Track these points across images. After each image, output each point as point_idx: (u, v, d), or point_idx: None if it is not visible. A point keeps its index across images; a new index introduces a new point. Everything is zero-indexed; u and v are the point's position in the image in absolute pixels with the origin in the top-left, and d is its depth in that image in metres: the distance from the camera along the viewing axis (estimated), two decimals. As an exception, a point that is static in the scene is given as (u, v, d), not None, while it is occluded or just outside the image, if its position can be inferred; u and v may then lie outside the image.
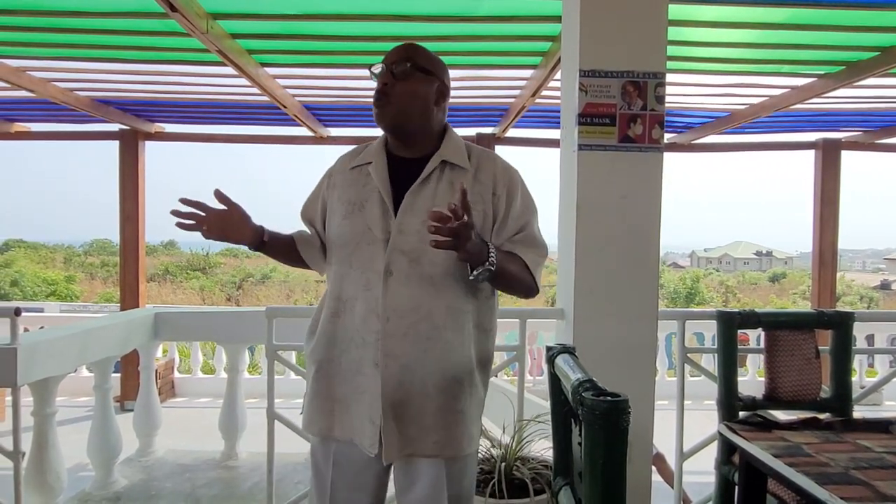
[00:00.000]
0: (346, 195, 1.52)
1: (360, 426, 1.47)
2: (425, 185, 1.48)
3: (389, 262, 1.44)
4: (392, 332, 1.43)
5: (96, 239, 32.47)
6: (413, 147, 1.53)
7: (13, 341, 2.34)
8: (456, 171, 1.51)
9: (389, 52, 1.52)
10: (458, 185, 1.39)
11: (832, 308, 5.56)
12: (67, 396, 5.35)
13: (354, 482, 1.51)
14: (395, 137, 1.54)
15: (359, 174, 1.54)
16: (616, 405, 0.98)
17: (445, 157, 1.51)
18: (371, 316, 1.44)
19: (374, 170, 1.51)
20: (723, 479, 2.02)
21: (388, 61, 1.50)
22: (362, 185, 1.51)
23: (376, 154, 1.54)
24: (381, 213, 1.47)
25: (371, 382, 1.44)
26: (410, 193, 1.47)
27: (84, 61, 3.86)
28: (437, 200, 1.46)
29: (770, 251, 51.61)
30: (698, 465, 2.58)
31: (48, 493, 2.60)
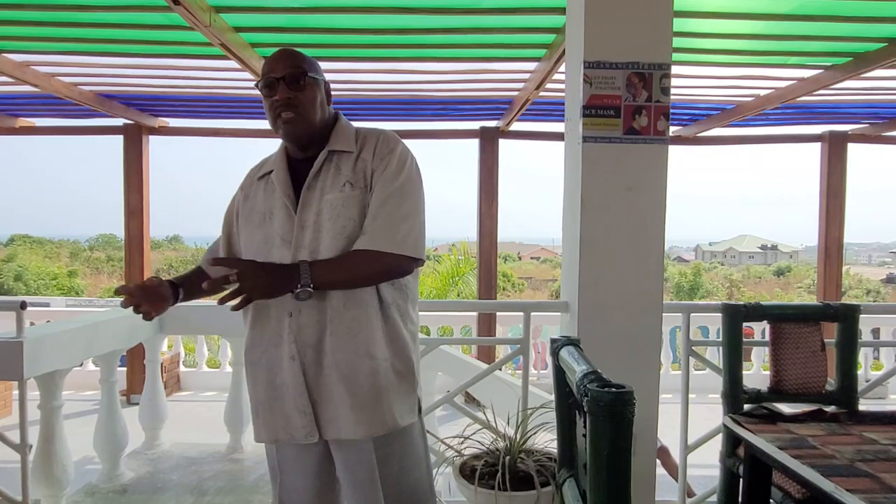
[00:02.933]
0: (257, 205, 1.58)
1: (285, 422, 1.52)
2: (317, 178, 1.53)
3: (294, 258, 1.48)
4: (304, 323, 1.49)
5: (101, 234, 32.61)
6: (311, 147, 1.57)
7: (19, 335, 2.35)
8: (343, 156, 1.55)
9: (277, 65, 1.53)
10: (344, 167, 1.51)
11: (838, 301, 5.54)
12: (74, 390, 5.38)
13: (297, 468, 1.58)
14: (300, 145, 1.57)
15: (266, 184, 1.59)
16: (621, 396, 0.98)
17: (332, 146, 1.55)
18: (283, 315, 1.50)
19: (276, 177, 1.56)
20: (727, 472, 2.02)
21: (281, 74, 1.51)
22: (270, 194, 1.57)
23: (278, 162, 1.59)
24: (286, 217, 1.52)
25: (290, 375, 1.50)
26: (305, 189, 1.52)
27: (88, 56, 3.87)
28: (326, 189, 1.50)
29: (775, 245, 51.44)
30: (702, 458, 2.58)
31: (55, 486, 2.61)
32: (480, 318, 5.91)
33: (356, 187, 1.50)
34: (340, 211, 1.48)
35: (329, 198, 1.49)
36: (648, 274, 2.24)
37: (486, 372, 2.69)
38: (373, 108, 5.26)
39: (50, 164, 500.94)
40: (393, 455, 1.53)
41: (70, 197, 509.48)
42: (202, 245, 29.59)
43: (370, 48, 3.72)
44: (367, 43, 3.63)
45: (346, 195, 1.49)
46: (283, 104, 1.50)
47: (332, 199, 1.49)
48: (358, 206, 1.49)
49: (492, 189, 5.80)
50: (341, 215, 1.48)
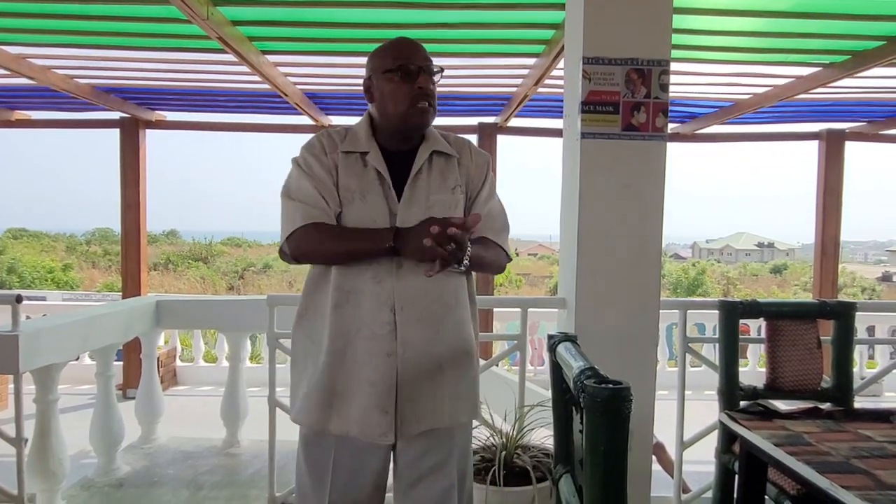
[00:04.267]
0: (344, 181, 1.49)
1: (363, 418, 1.47)
2: (419, 177, 1.51)
3: None
4: (406, 321, 1.46)
5: (98, 228, 32.50)
6: (409, 141, 1.55)
7: (15, 328, 2.34)
8: (442, 158, 1.56)
9: (416, 55, 1.51)
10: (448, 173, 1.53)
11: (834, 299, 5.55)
12: (70, 384, 5.37)
13: (357, 464, 1.52)
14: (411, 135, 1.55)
15: (354, 161, 1.51)
16: (618, 392, 0.98)
17: (435, 147, 1.55)
18: (382, 308, 1.45)
19: (374, 161, 1.50)
20: (723, 468, 2.03)
21: (423, 64, 1.50)
22: (360, 175, 1.50)
23: (369, 144, 1.52)
24: (384, 207, 1.48)
25: (381, 373, 1.45)
26: (409, 186, 1.50)
27: (85, 48, 3.85)
28: (431, 189, 1.51)
29: (772, 242, 51.56)
30: (698, 454, 2.59)
31: (51, 480, 2.61)
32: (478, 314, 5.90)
33: (462, 192, 1.55)
34: (452, 213, 1.48)
35: (439, 198, 1.51)
36: (646, 271, 2.24)
37: (483, 368, 2.69)
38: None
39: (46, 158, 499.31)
40: (465, 444, 1.61)
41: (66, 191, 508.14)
42: (199, 239, 29.54)
43: (367, 43, 3.70)
44: (364, 38, 3.61)
45: (455, 199, 1.54)
46: (424, 94, 1.49)
47: (443, 200, 1.51)
48: (461, 209, 1.55)
49: (490, 185, 5.78)
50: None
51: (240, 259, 26.59)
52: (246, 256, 27.25)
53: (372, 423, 1.46)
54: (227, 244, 30.97)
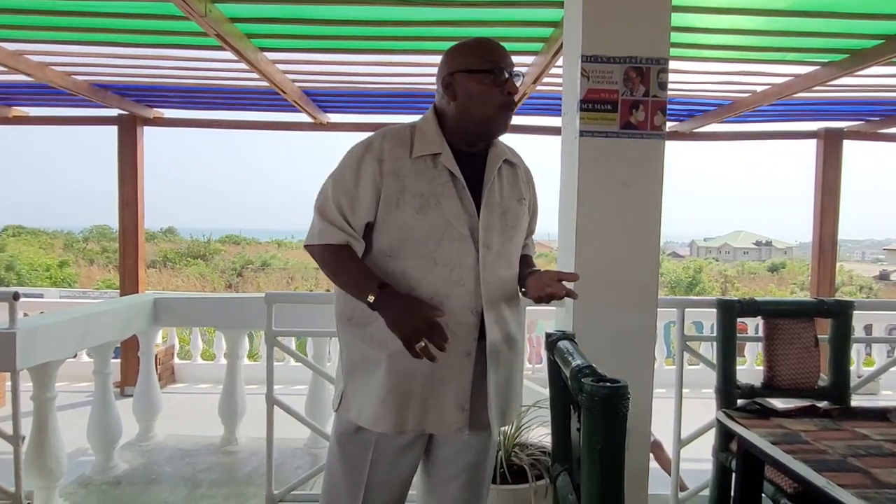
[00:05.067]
0: (416, 187, 1.44)
1: (438, 417, 1.48)
2: (493, 182, 1.53)
3: (484, 257, 1.49)
4: (488, 322, 1.50)
5: (96, 225, 32.40)
6: (480, 144, 1.55)
7: (12, 326, 2.34)
8: (510, 168, 1.60)
9: (509, 58, 1.49)
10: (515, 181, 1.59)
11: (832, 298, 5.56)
12: (67, 382, 5.36)
13: (394, 462, 1.52)
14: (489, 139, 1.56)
15: (423, 165, 1.46)
16: (616, 391, 0.98)
17: (504, 155, 1.58)
18: (464, 311, 1.47)
19: (447, 162, 1.47)
20: (720, 466, 2.03)
21: (513, 69, 1.50)
22: (432, 178, 1.46)
23: (441, 145, 1.48)
24: (461, 210, 1.46)
25: (458, 372, 1.48)
26: (489, 191, 1.51)
27: (82, 45, 3.83)
28: (504, 196, 1.55)
29: (770, 241, 51.62)
30: (695, 452, 2.59)
31: (48, 477, 2.61)
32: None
33: (526, 204, 1.62)
34: (519, 223, 1.58)
35: (509, 206, 1.55)
36: (644, 269, 2.24)
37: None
38: (368, 101, 5.24)
39: (44, 155, 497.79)
40: (495, 442, 1.66)
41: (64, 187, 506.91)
42: (197, 237, 29.49)
43: (366, 40, 3.70)
44: (363, 35, 3.60)
45: (524, 210, 1.60)
46: (514, 102, 1.51)
47: (513, 208, 1.56)
48: (526, 221, 1.63)
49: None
50: (520, 227, 1.59)
51: (238, 256, 26.55)
52: (244, 254, 27.21)
53: (450, 419, 1.49)
54: (226, 242, 30.94)
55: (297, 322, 2.62)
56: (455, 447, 1.56)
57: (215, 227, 37.10)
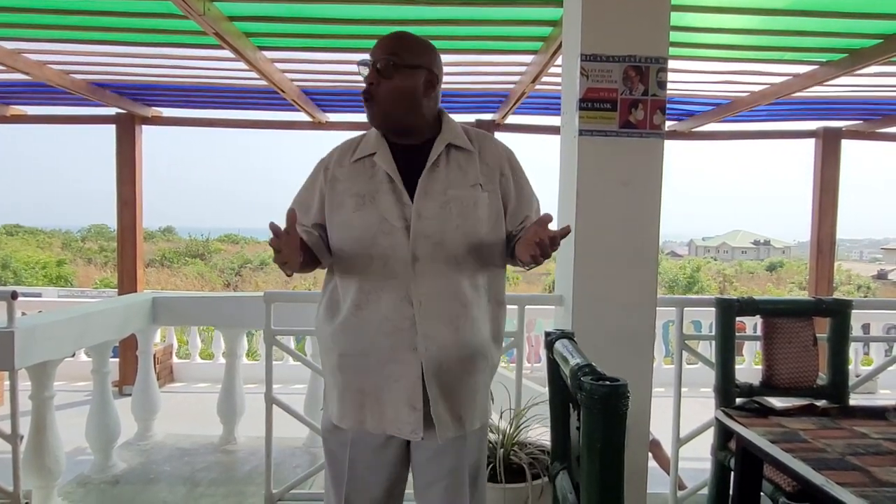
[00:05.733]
0: (354, 188, 1.50)
1: (394, 415, 1.47)
2: (435, 169, 1.49)
3: (415, 248, 1.45)
4: (426, 316, 1.45)
5: (94, 224, 32.37)
6: (411, 135, 1.53)
7: (10, 325, 2.33)
8: (461, 153, 1.53)
9: (375, 47, 1.50)
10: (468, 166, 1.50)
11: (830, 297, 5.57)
12: (66, 381, 5.36)
13: (372, 462, 1.53)
14: (389, 133, 1.55)
15: (362, 166, 1.51)
16: (615, 390, 0.98)
17: (450, 140, 1.52)
18: (401, 303, 1.45)
19: (381, 159, 1.49)
20: (719, 465, 2.04)
21: (373, 58, 1.49)
22: (369, 177, 1.50)
23: (378, 144, 1.52)
24: (395, 202, 1.47)
25: (407, 369, 1.45)
26: (424, 179, 1.48)
27: (80, 44, 3.82)
28: (449, 182, 1.49)
29: (768, 240, 51.69)
30: (694, 451, 2.59)
31: (47, 477, 2.60)
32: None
33: (485, 190, 1.50)
34: (471, 211, 1.48)
35: (457, 193, 1.48)
36: (643, 268, 2.24)
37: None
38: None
39: (43, 154, 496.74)
40: (478, 447, 1.58)
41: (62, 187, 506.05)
42: (196, 236, 29.45)
43: (364, 39, 3.69)
44: (362, 34, 3.60)
45: (476, 196, 1.49)
46: (364, 90, 1.49)
47: (462, 195, 1.48)
48: (486, 207, 1.50)
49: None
50: (471, 215, 1.48)
51: (237, 256, 26.52)
52: (243, 253, 27.17)
53: (403, 418, 1.46)
54: (224, 241, 30.92)
55: (295, 321, 2.61)
56: (430, 452, 1.51)
57: (214, 227, 37.08)
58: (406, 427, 1.46)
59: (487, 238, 1.50)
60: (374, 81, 1.47)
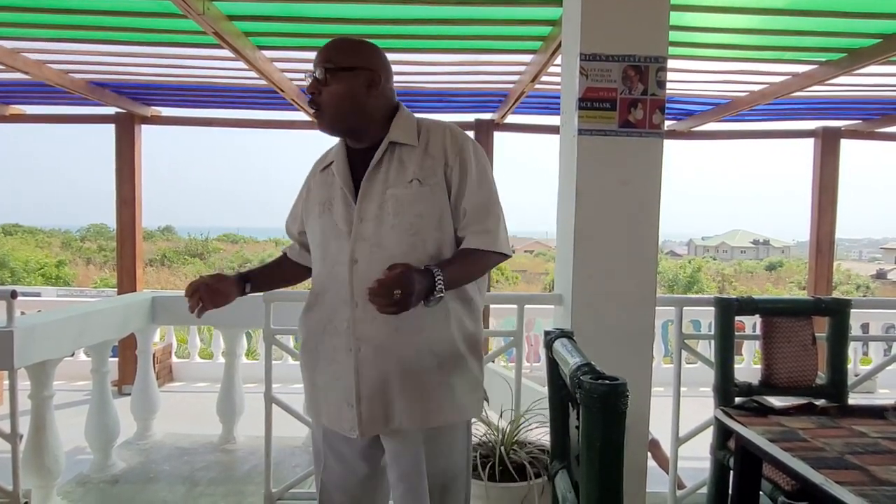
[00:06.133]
0: (318, 196, 1.59)
1: (337, 412, 1.53)
2: (378, 170, 1.51)
3: (353, 250, 1.48)
4: (361, 318, 1.47)
5: (93, 224, 32.36)
6: (364, 138, 1.55)
7: (9, 324, 2.33)
8: (405, 148, 1.52)
9: (314, 60, 1.53)
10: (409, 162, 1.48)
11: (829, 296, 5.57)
12: (65, 380, 5.36)
13: (341, 454, 1.60)
14: (342, 138, 1.59)
15: (327, 175, 1.59)
16: (614, 388, 0.98)
17: (392, 138, 1.52)
18: (341, 305, 1.50)
19: (336, 167, 1.56)
20: (718, 464, 2.04)
21: (312, 69, 1.51)
22: (329, 185, 1.57)
23: (337, 152, 1.59)
24: (345, 207, 1.51)
25: (345, 369, 1.50)
26: (365, 181, 1.50)
27: (79, 43, 3.82)
28: (388, 182, 1.49)
29: (767, 240, 51.73)
30: (692, 450, 2.60)
31: (46, 476, 2.60)
32: (473, 310, 5.91)
33: (425, 184, 1.47)
34: (407, 207, 1.46)
35: (394, 192, 1.47)
36: (642, 267, 2.24)
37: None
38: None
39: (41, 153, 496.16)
40: (442, 450, 1.54)
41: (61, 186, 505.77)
42: (195, 235, 29.46)
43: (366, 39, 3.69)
44: (362, 34, 3.59)
45: (413, 191, 1.47)
46: (309, 101, 1.51)
47: (398, 193, 1.47)
48: (426, 202, 1.48)
49: (486, 182, 5.79)
50: (408, 212, 1.46)
51: (236, 255, 26.54)
52: (242, 253, 27.19)
53: (342, 416, 1.52)
54: (223, 240, 30.94)
55: (295, 321, 2.57)
56: (390, 451, 1.54)
57: (213, 226, 37.11)
58: (346, 424, 1.51)
59: (431, 234, 1.48)
60: (315, 91, 1.50)
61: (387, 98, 1.56)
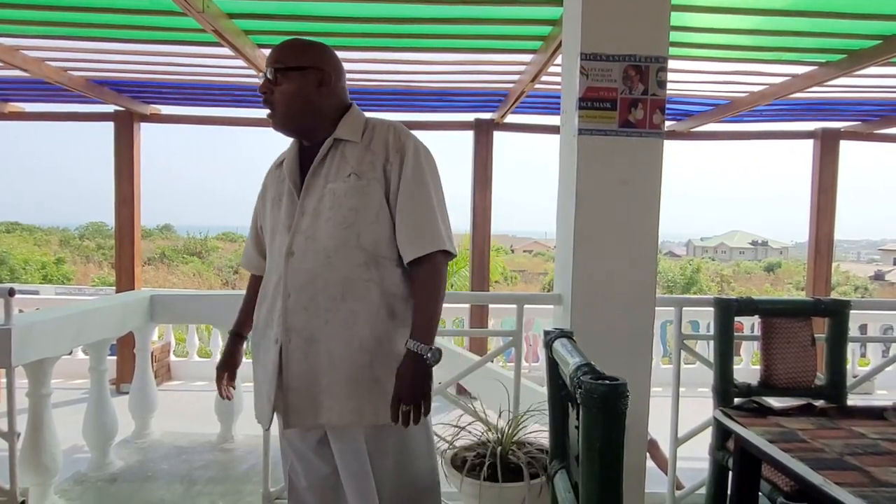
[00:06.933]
0: (272, 193, 1.64)
1: (258, 404, 1.58)
2: (321, 166, 1.54)
3: (291, 243, 1.52)
4: (292, 308, 1.50)
5: (92, 222, 32.31)
6: (314, 137, 1.58)
7: (7, 322, 2.32)
8: (348, 145, 1.55)
9: (268, 59, 1.57)
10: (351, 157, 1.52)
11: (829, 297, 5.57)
12: (62, 378, 5.35)
13: (297, 449, 1.64)
14: (295, 136, 1.62)
15: (279, 173, 1.63)
16: (615, 389, 0.98)
17: (337, 135, 1.56)
18: (277, 297, 1.53)
19: (286, 164, 1.60)
20: (717, 465, 2.04)
21: (265, 69, 1.55)
22: (281, 182, 1.61)
23: (290, 150, 1.63)
24: (290, 203, 1.55)
25: (270, 359, 1.52)
26: (310, 176, 1.54)
27: (79, 41, 3.81)
28: (329, 177, 1.52)
29: (766, 241, 51.79)
30: (691, 451, 2.60)
31: (44, 474, 2.60)
32: (472, 309, 5.92)
33: (363, 178, 1.50)
34: (342, 201, 1.49)
35: (332, 186, 1.51)
36: (642, 268, 2.24)
37: (479, 364, 2.69)
38: (365, 98, 5.23)
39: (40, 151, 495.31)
40: (388, 448, 1.52)
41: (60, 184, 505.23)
42: (194, 234, 29.42)
43: (364, 37, 3.69)
44: (361, 32, 3.59)
45: (349, 185, 1.50)
46: (263, 101, 1.55)
47: (335, 188, 1.51)
48: (363, 196, 1.50)
49: (486, 181, 5.80)
50: (343, 205, 1.49)
51: (234, 254, 26.49)
52: (240, 251, 27.03)
53: (262, 409, 1.56)
54: (222, 239, 30.90)
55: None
56: (336, 449, 1.54)
57: (212, 225, 37.08)
58: (264, 418, 1.55)
59: (366, 228, 1.49)
60: (267, 90, 1.53)
61: (338, 97, 1.59)
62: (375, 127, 1.57)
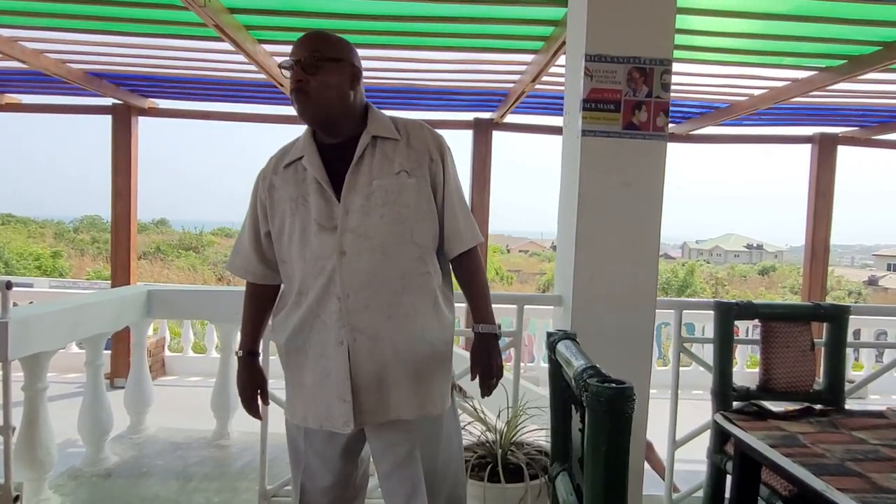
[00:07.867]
0: (287, 193, 1.56)
1: (327, 410, 1.53)
2: (361, 163, 1.52)
3: (342, 243, 1.49)
4: (353, 308, 1.48)
5: (87, 215, 32.14)
6: (340, 133, 1.56)
7: (4, 315, 2.30)
8: (388, 142, 1.55)
9: (296, 48, 1.53)
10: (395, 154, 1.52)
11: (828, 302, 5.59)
12: (58, 372, 5.32)
13: (322, 453, 1.60)
14: (320, 129, 1.58)
15: (294, 171, 1.57)
16: (622, 392, 0.98)
17: (375, 132, 1.55)
18: (329, 298, 1.50)
19: (308, 162, 1.54)
20: (715, 468, 2.04)
21: (297, 56, 1.51)
22: (301, 181, 1.55)
23: (306, 147, 1.57)
24: (324, 202, 1.51)
25: (335, 363, 1.50)
26: (350, 174, 1.51)
27: (78, 32, 3.79)
28: (374, 174, 1.51)
29: (761, 244, 51.97)
30: (687, 453, 2.60)
31: (38, 469, 2.58)
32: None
33: (413, 175, 1.52)
34: (396, 197, 1.50)
35: (381, 183, 1.50)
36: (643, 270, 2.24)
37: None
38: (366, 96, 5.22)
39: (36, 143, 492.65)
40: (435, 434, 1.57)
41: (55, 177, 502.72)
42: (189, 229, 29.32)
43: (364, 34, 3.68)
44: (361, 29, 3.58)
45: (402, 182, 1.51)
46: (294, 88, 1.51)
47: (386, 184, 1.50)
48: (414, 193, 1.52)
49: (484, 181, 5.79)
50: (397, 202, 1.50)
51: (230, 249, 26.38)
52: (236, 247, 27.02)
53: (335, 413, 1.52)
54: (218, 234, 30.79)
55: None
56: (380, 443, 1.56)
57: (208, 220, 36.93)
58: (338, 420, 1.51)
59: (418, 223, 1.53)
60: (303, 78, 1.50)
61: (362, 96, 1.60)
62: (407, 125, 1.59)
